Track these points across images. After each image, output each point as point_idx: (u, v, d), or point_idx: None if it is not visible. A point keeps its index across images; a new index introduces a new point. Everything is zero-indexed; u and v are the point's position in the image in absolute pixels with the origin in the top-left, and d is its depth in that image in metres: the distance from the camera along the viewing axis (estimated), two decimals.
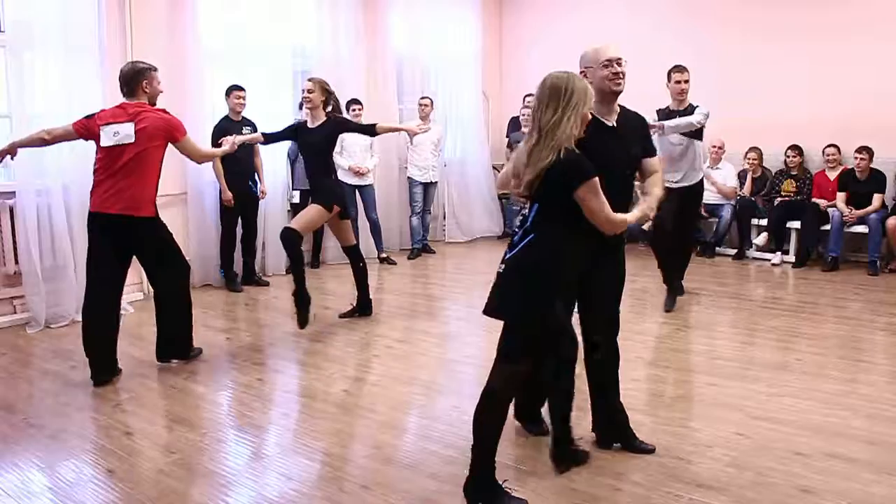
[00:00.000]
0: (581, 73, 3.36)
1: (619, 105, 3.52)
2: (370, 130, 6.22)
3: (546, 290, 3.01)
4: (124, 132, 4.67)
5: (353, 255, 6.31)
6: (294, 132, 6.12)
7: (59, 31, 6.11)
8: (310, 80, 5.98)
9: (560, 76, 2.99)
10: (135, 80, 4.80)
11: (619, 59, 3.42)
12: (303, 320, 5.79)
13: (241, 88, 7.29)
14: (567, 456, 3.51)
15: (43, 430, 4.06)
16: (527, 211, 3.11)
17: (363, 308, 6.38)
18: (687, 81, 6.27)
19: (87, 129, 4.79)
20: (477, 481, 3.12)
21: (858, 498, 3.20)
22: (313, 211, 5.94)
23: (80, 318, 5.22)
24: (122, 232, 4.76)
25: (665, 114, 6.24)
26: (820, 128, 8.39)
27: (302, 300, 5.80)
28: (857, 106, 8.16)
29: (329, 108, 5.97)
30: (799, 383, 4.62)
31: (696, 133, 6.31)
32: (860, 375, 4.82)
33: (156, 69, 4.91)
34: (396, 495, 3.27)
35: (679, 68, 6.32)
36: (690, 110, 6.19)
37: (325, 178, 6.04)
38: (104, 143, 4.71)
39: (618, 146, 3.40)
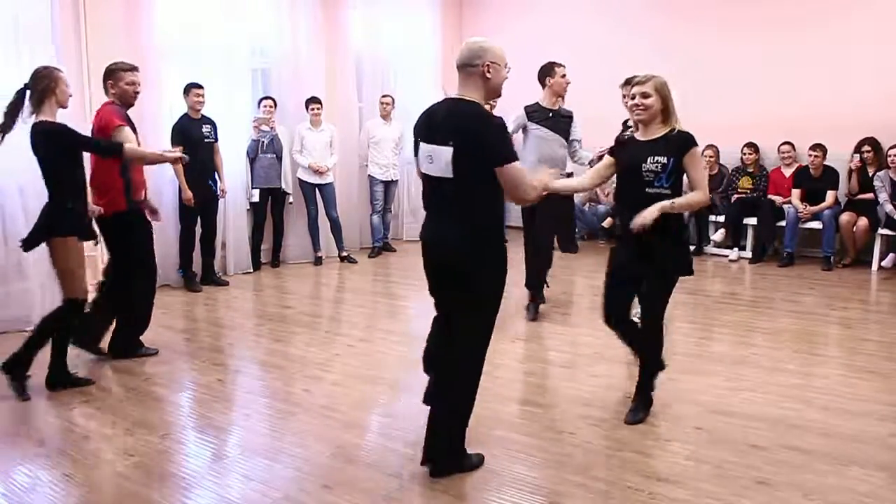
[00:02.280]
0: (486, 65, 3.21)
1: None
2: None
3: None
4: None
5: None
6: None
7: (11, 29, 5.95)
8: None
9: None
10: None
11: None
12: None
13: (199, 86, 7.18)
14: None
15: None
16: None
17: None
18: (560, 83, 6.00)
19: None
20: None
21: (814, 489, 3.26)
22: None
23: None
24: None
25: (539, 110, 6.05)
26: (775, 126, 8.53)
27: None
28: (811, 104, 8.33)
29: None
30: (755, 377, 4.70)
31: (562, 129, 6.06)
32: (815, 369, 4.92)
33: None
34: (358, 494, 3.27)
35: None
36: (565, 114, 6.06)
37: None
38: None
39: None
